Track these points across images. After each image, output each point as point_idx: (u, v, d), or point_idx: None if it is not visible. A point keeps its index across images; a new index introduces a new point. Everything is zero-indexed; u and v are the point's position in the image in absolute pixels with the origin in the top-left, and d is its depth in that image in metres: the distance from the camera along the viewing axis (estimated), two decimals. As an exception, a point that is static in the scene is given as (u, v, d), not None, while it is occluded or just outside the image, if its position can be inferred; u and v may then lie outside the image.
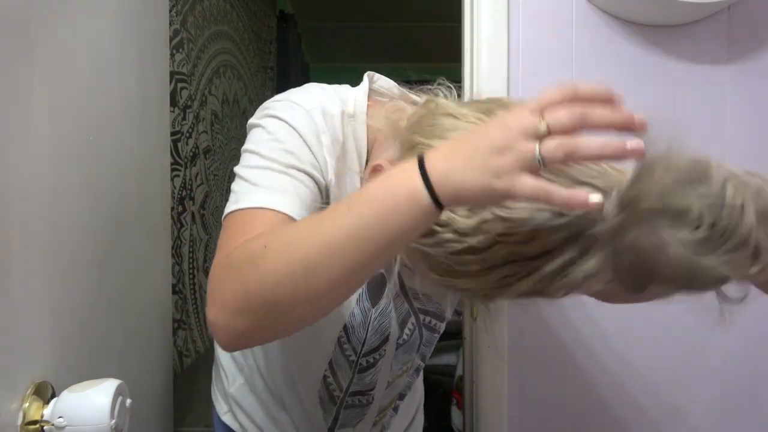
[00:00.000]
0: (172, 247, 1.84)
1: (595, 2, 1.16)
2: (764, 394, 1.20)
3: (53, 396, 0.63)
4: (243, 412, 0.90)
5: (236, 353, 0.89)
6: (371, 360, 0.81)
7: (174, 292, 1.85)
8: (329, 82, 0.80)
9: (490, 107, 0.58)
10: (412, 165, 0.47)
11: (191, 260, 2.09)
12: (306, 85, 0.74)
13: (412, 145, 0.58)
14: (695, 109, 1.18)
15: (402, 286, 0.78)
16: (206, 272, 2.28)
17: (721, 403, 1.19)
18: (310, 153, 0.65)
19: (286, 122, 0.65)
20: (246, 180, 0.63)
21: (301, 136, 0.65)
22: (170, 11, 1.84)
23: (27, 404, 0.59)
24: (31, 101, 0.62)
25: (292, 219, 0.58)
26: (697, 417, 1.18)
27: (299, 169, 0.63)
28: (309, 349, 0.80)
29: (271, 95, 0.74)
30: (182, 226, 1.98)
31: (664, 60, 1.17)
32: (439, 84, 0.70)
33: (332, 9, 3.95)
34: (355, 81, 0.81)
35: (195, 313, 2.13)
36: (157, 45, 1.08)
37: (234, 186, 0.64)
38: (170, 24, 1.83)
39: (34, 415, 0.59)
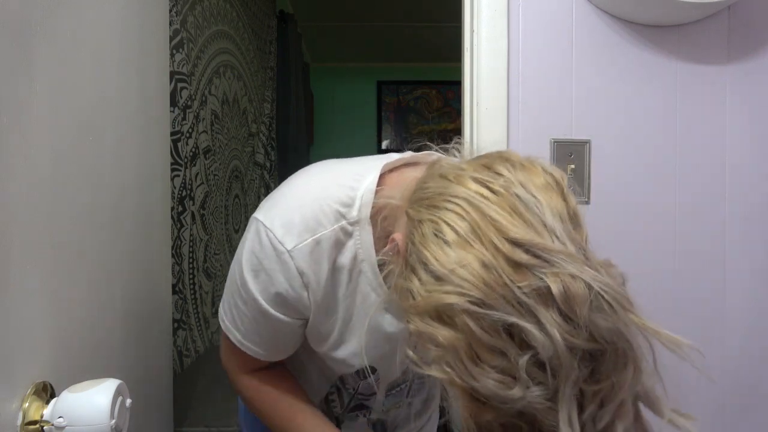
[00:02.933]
0: (172, 247, 1.84)
1: (595, 2, 1.16)
2: (764, 394, 1.20)
3: (53, 396, 0.63)
4: None
5: None
6: (361, 403, 0.88)
7: (174, 292, 1.85)
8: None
9: (490, 162, 0.58)
10: None
11: (191, 260, 2.09)
12: (302, 191, 0.73)
13: (417, 219, 0.57)
14: (695, 109, 1.18)
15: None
16: (206, 272, 2.28)
17: (721, 403, 1.19)
18: (288, 315, 0.72)
19: (264, 299, 0.71)
20: (233, 319, 0.76)
21: (273, 304, 0.71)
22: (170, 11, 1.84)
23: (27, 404, 0.59)
24: (31, 101, 0.62)
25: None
26: (696, 416, 1.18)
27: (277, 324, 0.73)
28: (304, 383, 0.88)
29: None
30: (182, 226, 1.98)
31: (664, 60, 1.17)
32: (455, 143, 0.71)
33: (332, 9, 3.95)
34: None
35: (195, 313, 2.13)
36: (157, 45, 1.08)
37: (223, 301, 0.77)
38: (170, 24, 1.83)
39: (34, 415, 0.59)
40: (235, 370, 0.81)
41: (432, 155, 0.73)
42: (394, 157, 0.74)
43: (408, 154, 0.75)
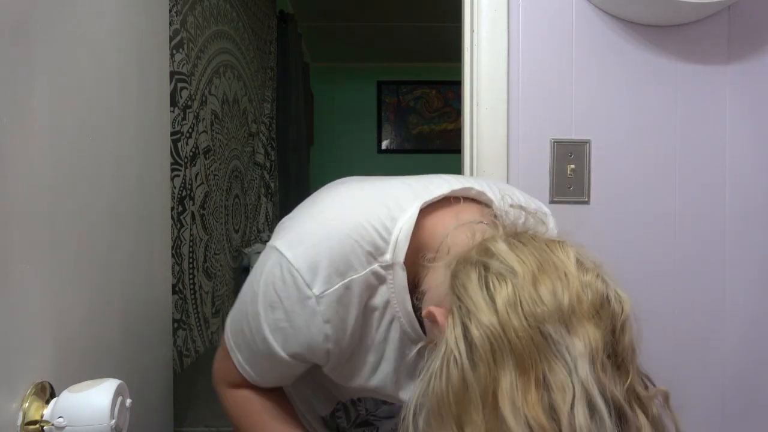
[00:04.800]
0: (172, 247, 1.84)
1: (595, 2, 1.16)
2: (764, 392, 1.20)
3: (53, 396, 0.63)
4: None
5: None
6: (367, 420, 0.86)
7: (174, 292, 1.85)
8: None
9: (543, 260, 0.53)
10: None
11: (191, 260, 2.08)
12: (331, 225, 0.65)
13: (452, 300, 0.55)
14: (695, 109, 1.18)
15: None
16: (206, 272, 2.28)
17: (722, 401, 1.19)
18: (297, 360, 0.69)
19: (275, 340, 0.66)
20: (242, 332, 0.71)
21: (289, 354, 0.67)
22: (170, 11, 1.84)
23: (27, 404, 0.59)
24: (31, 101, 0.62)
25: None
26: (697, 416, 1.18)
27: (283, 366, 0.70)
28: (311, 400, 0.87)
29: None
30: (182, 226, 1.98)
31: (664, 60, 1.17)
32: (509, 207, 0.67)
33: (332, 9, 3.95)
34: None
35: (195, 313, 2.13)
36: (157, 45, 1.08)
37: (230, 315, 0.73)
38: (170, 24, 1.83)
39: (34, 415, 0.59)
40: (223, 380, 0.78)
41: (471, 191, 0.69)
42: (432, 191, 0.68)
43: (447, 189, 0.69)
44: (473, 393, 0.48)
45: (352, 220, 0.64)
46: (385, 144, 5.07)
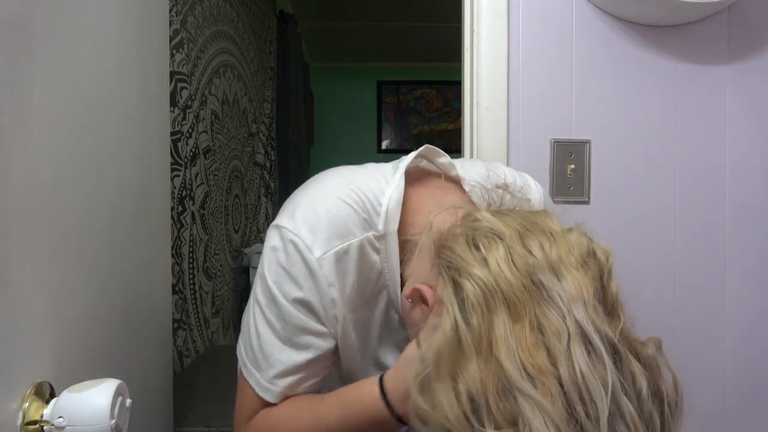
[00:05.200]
0: (172, 247, 1.84)
1: (595, 2, 1.16)
2: (764, 394, 1.20)
3: (53, 396, 0.62)
4: None
5: None
6: None
7: (174, 292, 1.85)
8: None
9: (527, 222, 0.56)
10: (375, 390, 0.63)
11: (191, 260, 2.08)
12: (327, 193, 0.68)
13: (438, 272, 0.57)
14: (695, 109, 1.18)
15: None
16: (206, 272, 2.28)
17: (722, 403, 1.19)
18: (318, 323, 0.67)
19: (289, 301, 0.65)
20: (253, 348, 0.69)
21: (306, 312, 0.66)
22: (170, 11, 1.84)
23: (27, 404, 0.59)
24: (31, 101, 0.62)
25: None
26: (697, 418, 1.18)
27: (307, 350, 0.68)
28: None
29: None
30: (182, 226, 1.98)
31: (664, 60, 1.17)
32: (502, 188, 0.70)
33: (332, 9, 3.95)
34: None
35: (195, 313, 2.13)
36: (157, 45, 1.08)
37: (243, 328, 0.71)
38: (170, 24, 1.83)
39: (33, 415, 0.59)
40: (244, 419, 0.72)
41: (441, 158, 0.72)
42: (405, 161, 0.71)
43: (423, 150, 0.72)
44: (466, 344, 0.49)
45: (345, 189, 0.67)
46: (385, 144, 5.08)
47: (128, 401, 0.64)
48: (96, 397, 0.59)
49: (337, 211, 0.65)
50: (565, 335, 0.48)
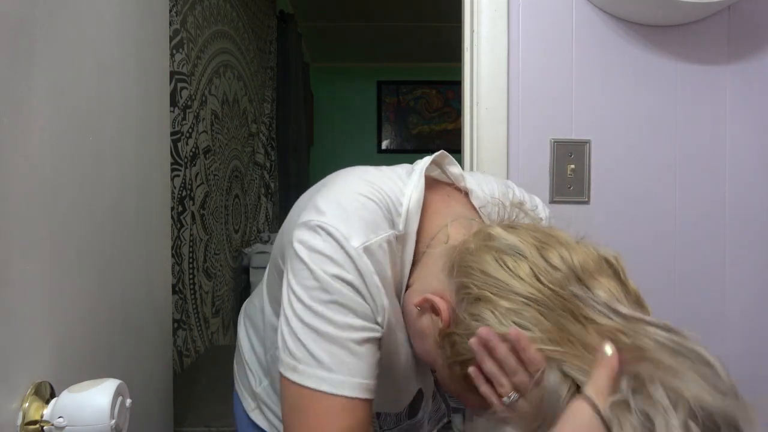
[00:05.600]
0: (172, 247, 1.84)
1: (595, 2, 1.16)
2: (765, 394, 1.20)
3: (53, 396, 0.63)
4: (270, 411, 0.89)
5: (261, 358, 0.89)
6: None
7: (174, 292, 1.85)
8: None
9: (540, 236, 0.58)
10: None
11: (191, 260, 2.08)
12: (352, 189, 0.65)
13: (458, 288, 0.58)
14: (695, 109, 1.18)
15: (437, 384, 0.78)
16: (206, 272, 2.28)
17: (721, 403, 1.19)
18: (367, 305, 0.61)
19: (336, 277, 0.59)
20: (304, 345, 0.59)
21: (355, 290, 0.60)
22: (170, 11, 1.84)
23: (27, 404, 0.59)
24: (31, 101, 0.62)
25: (361, 401, 0.59)
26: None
27: (362, 338, 0.60)
28: None
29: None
30: (182, 226, 1.98)
31: (664, 60, 1.17)
32: (512, 207, 0.70)
33: (332, 9, 3.95)
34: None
35: (195, 313, 2.13)
36: (157, 45, 1.08)
37: (288, 339, 0.61)
38: (170, 24, 1.83)
39: (33, 415, 0.59)
40: None
41: (453, 167, 0.73)
42: (422, 163, 0.70)
43: (438, 155, 0.72)
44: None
45: (368, 187, 0.65)
46: (385, 144, 5.08)
47: (128, 401, 0.64)
48: (96, 397, 0.59)
49: (363, 207, 0.63)
50: (621, 330, 0.50)
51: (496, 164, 1.15)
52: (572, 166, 1.16)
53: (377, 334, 0.62)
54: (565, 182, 1.16)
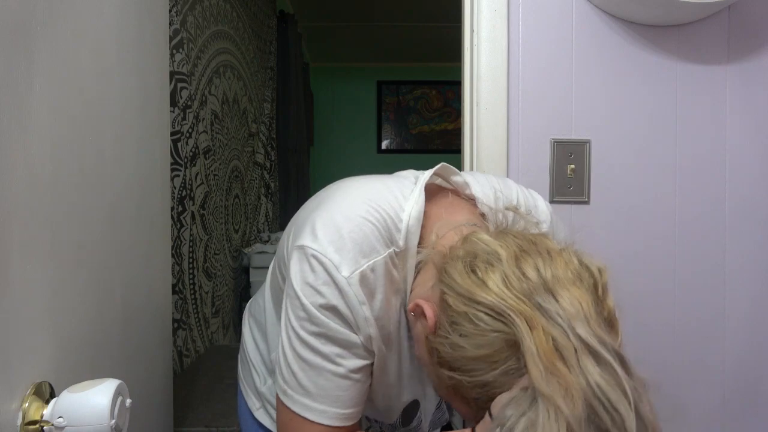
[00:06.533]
0: (172, 247, 1.84)
1: (595, 2, 1.16)
2: (764, 394, 1.20)
3: (53, 396, 0.63)
4: (275, 410, 0.89)
5: (266, 357, 0.89)
6: None
7: (174, 292, 1.85)
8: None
9: (523, 242, 0.58)
10: None
11: (191, 260, 2.09)
12: (347, 208, 0.67)
13: (441, 293, 0.59)
14: (695, 109, 1.18)
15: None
16: (206, 272, 2.28)
17: (722, 403, 1.19)
18: (355, 335, 0.64)
19: (323, 308, 0.63)
20: (293, 373, 0.65)
21: (344, 321, 0.64)
22: (170, 11, 1.84)
23: (27, 404, 0.59)
24: (31, 101, 0.62)
25: (341, 428, 0.65)
26: (698, 415, 1.18)
27: (348, 369, 0.65)
28: None
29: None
30: (182, 226, 1.98)
31: (664, 60, 1.17)
32: (503, 209, 0.71)
33: (332, 9, 3.95)
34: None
35: (195, 313, 2.13)
36: (157, 45, 1.08)
37: (282, 364, 0.67)
38: (170, 24, 1.83)
39: (33, 415, 0.59)
40: None
41: (456, 177, 0.73)
42: (424, 177, 0.71)
43: (439, 168, 0.73)
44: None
45: (366, 207, 0.66)
46: (385, 144, 5.08)
47: (128, 401, 0.64)
48: (96, 397, 0.59)
49: (359, 230, 0.64)
50: (572, 350, 0.49)
51: (496, 164, 1.15)
52: (572, 166, 1.16)
53: (366, 362, 0.65)
54: (565, 182, 1.16)
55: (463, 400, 0.60)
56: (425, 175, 0.72)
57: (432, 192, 0.73)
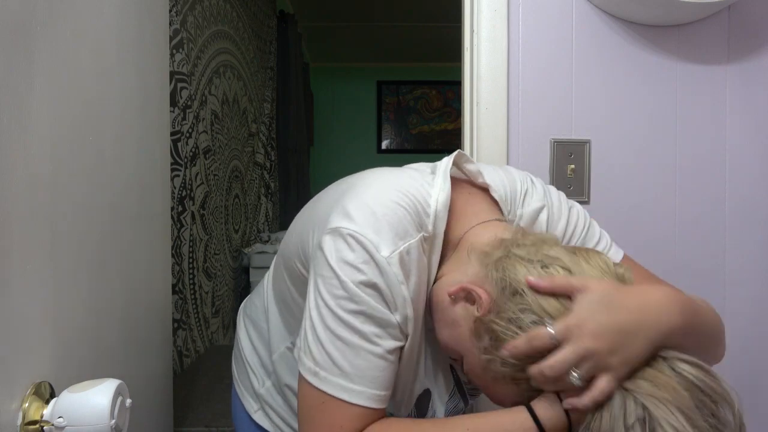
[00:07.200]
0: (172, 247, 1.84)
1: (595, 2, 1.16)
2: (764, 393, 1.20)
3: (53, 396, 0.63)
4: (274, 412, 0.88)
5: (264, 358, 0.88)
6: None
7: (174, 292, 1.85)
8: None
9: (574, 262, 0.62)
10: (525, 416, 0.60)
11: (191, 260, 2.08)
12: (379, 193, 0.66)
13: (497, 280, 0.62)
14: (695, 109, 1.18)
15: (458, 383, 0.79)
16: (206, 272, 2.28)
17: (721, 403, 1.19)
18: (393, 316, 0.63)
19: (364, 285, 0.62)
20: (328, 353, 0.63)
21: (383, 300, 0.63)
22: (170, 11, 1.84)
23: (27, 404, 0.59)
24: (31, 101, 0.62)
25: (376, 410, 0.63)
26: (697, 417, 1.18)
27: (385, 349, 0.63)
28: None
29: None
30: (182, 226, 1.98)
31: (664, 60, 1.17)
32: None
33: (332, 9, 3.95)
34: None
35: (195, 313, 2.13)
36: (157, 45, 1.08)
37: (313, 344, 0.64)
38: (170, 24, 1.83)
39: (33, 415, 0.59)
40: None
41: (469, 165, 0.76)
42: (444, 164, 0.73)
43: (456, 155, 0.76)
44: None
45: (395, 192, 0.66)
46: (385, 144, 5.08)
47: (128, 401, 0.64)
48: (96, 397, 0.59)
49: (393, 213, 0.64)
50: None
51: (496, 164, 1.15)
52: (572, 166, 1.16)
53: (399, 344, 0.64)
54: (565, 182, 1.16)
55: (513, 381, 0.61)
56: (446, 162, 0.73)
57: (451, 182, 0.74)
